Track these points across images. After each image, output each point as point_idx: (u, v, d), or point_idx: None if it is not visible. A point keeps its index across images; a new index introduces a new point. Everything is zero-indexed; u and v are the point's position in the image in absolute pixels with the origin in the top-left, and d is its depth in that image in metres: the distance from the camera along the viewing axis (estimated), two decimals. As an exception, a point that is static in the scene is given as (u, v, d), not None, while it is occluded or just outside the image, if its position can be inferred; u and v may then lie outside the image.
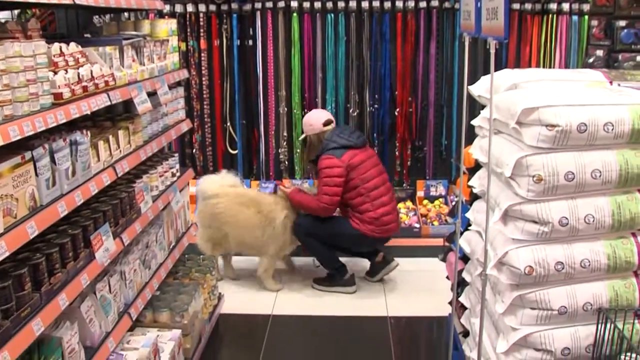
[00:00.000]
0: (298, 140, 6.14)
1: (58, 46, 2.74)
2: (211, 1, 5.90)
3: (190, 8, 5.94)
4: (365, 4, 5.86)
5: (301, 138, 5.20)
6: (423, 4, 5.87)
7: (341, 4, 5.86)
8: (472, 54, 5.80)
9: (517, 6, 5.85)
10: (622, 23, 5.58)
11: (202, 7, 5.93)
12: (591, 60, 5.70)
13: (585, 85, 3.07)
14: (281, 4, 5.91)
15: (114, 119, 3.38)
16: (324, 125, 4.96)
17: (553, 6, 5.80)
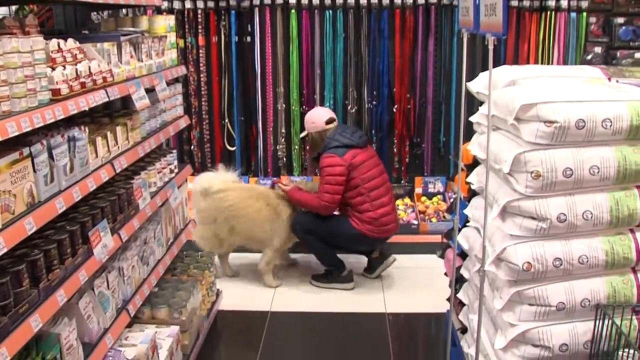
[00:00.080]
0: (296, 137, 6.14)
1: (56, 42, 2.73)
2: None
3: (188, 4, 5.94)
4: (363, 1, 5.86)
5: (302, 135, 5.19)
6: (421, 1, 5.88)
7: (339, 1, 5.86)
8: (471, 51, 5.83)
9: (516, 3, 5.86)
10: (621, 20, 5.59)
11: (200, 4, 5.93)
12: (589, 57, 5.71)
13: (583, 81, 3.07)
14: (279, 1, 5.91)
15: (112, 115, 3.38)
16: (327, 123, 4.95)
17: (551, 3, 5.81)
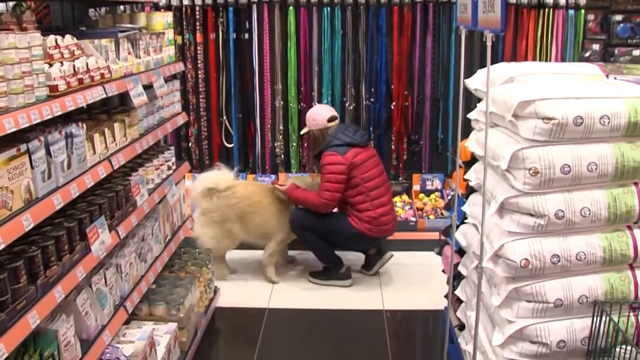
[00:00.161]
0: (294, 134, 6.13)
1: (53, 38, 2.73)
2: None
3: (186, 1, 5.91)
4: (361, -2, 5.86)
5: (303, 132, 5.19)
6: (419, -3, 5.87)
7: (337, -3, 5.85)
8: (469, 48, 5.83)
9: (514, 0, 5.84)
10: (619, 17, 5.58)
11: (198, 0, 5.91)
12: (587, 54, 5.70)
13: (581, 78, 3.07)
14: (277, -3, 5.90)
15: (110, 112, 3.37)
16: (328, 121, 4.95)
17: (549, 0, 5.79)
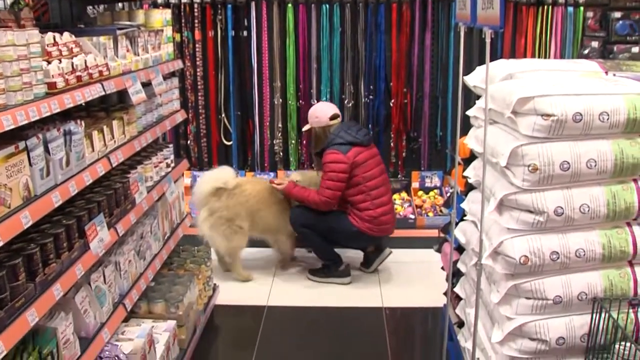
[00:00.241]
0: (293, 132, 6.13)
1: (52, 36, 2.72)
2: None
3: (184, -2, 5.91)
4: (360, -5, 5.85)
5: (305, 128, 5.19)
6: (418, -5, 5.86)
7: (336, -5, 5.85)
8: (468, 45, 5.82)
9: (513, -3, 5.84)
10: (618, 14, 5.58)
11: (197, -2, 5.91)
12: (586, 51, 5.70)
13: (580, 75, 3.07)
14: (276, -5, 5.89)
15: (108, 110, 3.37)
16: (331, 119, 4.95)
17: (548, -3, 5.79)
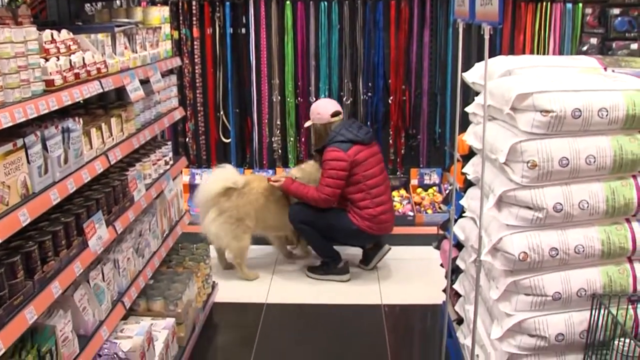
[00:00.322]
0: (292, 129, 6.12)
1: (49, 33, 2.71)
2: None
3: (182, -4, 5.90)
4: (358, -8, 5.84)
5: (307, 125, 5.19)
6: (417, -8, 5.85)
7: (334, -8, 5.84)
8: (466, 42, 5.81)
9: (511, -7, 5.84)
10: (616, 11, 5.56)
11: (195, -5, 5.90)
12: (585, 48, 5.69)
13: (579, 71, 3.07)
14: (274, -8, 5.88)
15: (107, 107, 3.36)
16: (332, 116, 4.94)
17: (547, -6, 5.78)
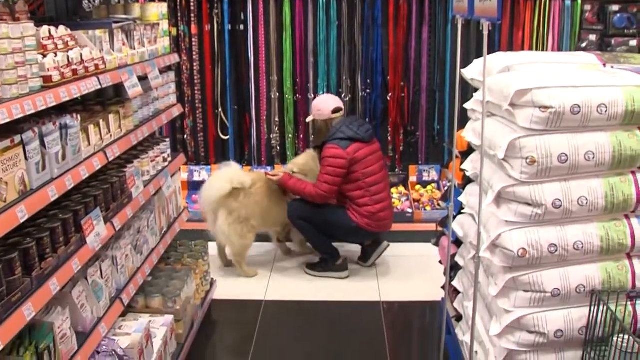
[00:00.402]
0: (290, 126, 6.12)
1: (47, 29, 2.70)
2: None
3: (180, -8, 5.88)
4: (357, -12, 5.83)
5: (308, 120, 5.19)
6: (415, -12, 5.84)
7: (333, -12, 5.82)
8: (465, 39, 5.81)
9: (510, -10, 5.83)
10: (615, 7, 5.55)
11: (193, -8, 5.88)
12: (584, 44, 5.68)
13: (578, 67, 3.06)
14: (272, -12, 5.87)
15: (105, 103, 3.35)
16: (333, 112, 4.93)
17: (546, -10, 5.78)
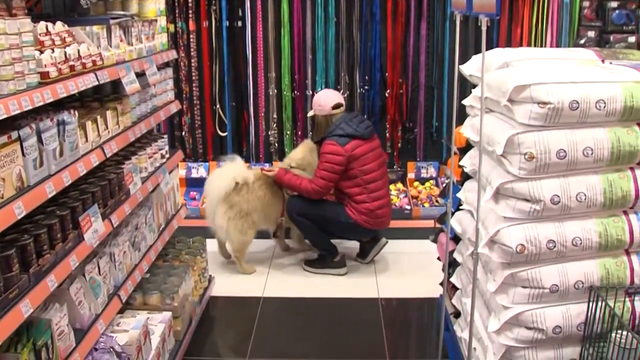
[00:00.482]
0: (288, 122, 6.11)
1: (44, 25, 2.69)
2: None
3: (178, -11, 5.87)
4: (355, -15, 5.82)
5: (309, 114, 5.19)
6: (413, -16, 5.83)
7: (331, -15, 5.81)
8: (463, 35, 5.80)
9: (509, -14, 5.82)
10: (614, 4, 5.55)
11: (191, -12, 5.87)
12: (582, 41, 5.68)
13: (577, 63, 3.06)
14: (270, -15, 5.86)
15: (102, 100, 3.34)
16: (333, 108, 4.92)
17: (544, -13, 5.77)
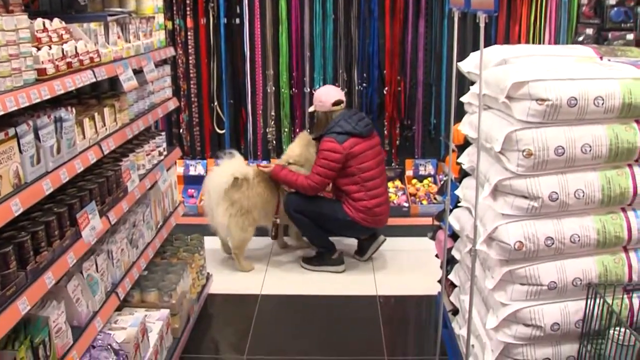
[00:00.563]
0: (286, 120, 6.11)
1: (41, 21, 2.68)
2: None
3: (176, -14, 5.86)
4: (353, -18, 5.82)
5: (310, 110, 5.18)
6: (411, -18, 5.83)
7: (329, -18, 5.82)
8: (461, 33, 5.80)
9: (507, -17, 5.82)
10: (612, 1, 5.54)
11: (189, -15, 5.86)
12: (581, 38, 5.68)
13: (575, 60, 3.05)
14: (268, -18, 5.86)
15: (100, 97, 3.33)
16: (333, 105, 4.92)
17: (542, -16, 5.77)
